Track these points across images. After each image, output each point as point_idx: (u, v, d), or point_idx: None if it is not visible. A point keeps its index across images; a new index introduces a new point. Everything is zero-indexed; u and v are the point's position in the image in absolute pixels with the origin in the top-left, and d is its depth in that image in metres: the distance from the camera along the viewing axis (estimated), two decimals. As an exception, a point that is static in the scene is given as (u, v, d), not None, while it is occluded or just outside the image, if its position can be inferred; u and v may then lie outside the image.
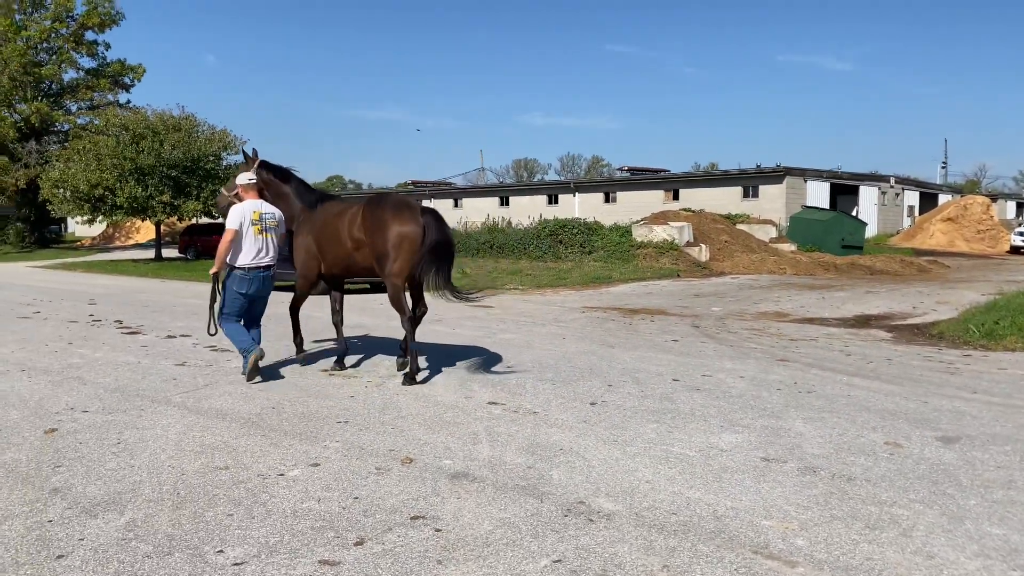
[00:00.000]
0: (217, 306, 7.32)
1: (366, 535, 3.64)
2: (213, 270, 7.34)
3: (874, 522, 3.79)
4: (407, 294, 7.30)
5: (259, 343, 7.34)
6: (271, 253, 7.38)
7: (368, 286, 18.51)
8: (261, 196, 7.64)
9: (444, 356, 8.55)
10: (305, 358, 8.15)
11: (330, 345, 8.99)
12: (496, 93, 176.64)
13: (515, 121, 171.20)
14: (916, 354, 9.10)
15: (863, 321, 12.62)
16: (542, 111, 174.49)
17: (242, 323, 7.36)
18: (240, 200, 7.50)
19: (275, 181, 8.00)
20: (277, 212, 7.58)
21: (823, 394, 6.63)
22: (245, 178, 7.59)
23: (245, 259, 7.19)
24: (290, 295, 8.58)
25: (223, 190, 8.14)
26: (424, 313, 7.65)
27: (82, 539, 3.60)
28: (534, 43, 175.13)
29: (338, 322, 8.03)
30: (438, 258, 7.08)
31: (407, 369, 7.18)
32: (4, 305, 14.65)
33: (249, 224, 7.20)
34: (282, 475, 4.49)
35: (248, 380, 7.10)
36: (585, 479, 4.43)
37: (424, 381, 7.13)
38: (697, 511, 3.94)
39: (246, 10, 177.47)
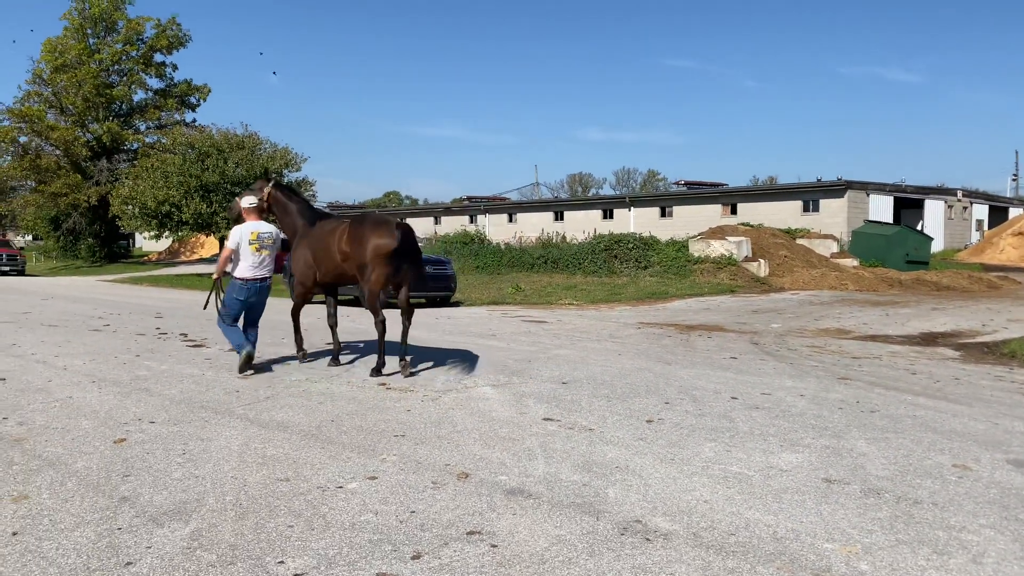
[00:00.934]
0: (219, 308, 8.68)
1: (423, 549, 3.67)
2: (214, 277, 8.88)
3: (942, 547, 3.68)
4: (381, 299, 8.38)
5: (255, 343, 8.61)
6: (268, 266, 8.63)
7: (424, 300, 18.70)
8: (270, 211, 9.10)
9: (499, 371, 8.58)
10: (304, 356, 9.29)
11: (335, 348, 9.37)
12: (553, 108, 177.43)
13: (571, 136, 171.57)
14: (986, 373, 8.80)
15: (929, 339, 12.26)
16: (599, 126, 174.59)
17: (240, 325, 8.59)
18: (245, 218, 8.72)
19: (283, 199, 9.23)
20: (274, 231, 8.73)
21: (887, 414, 6.46)
22: (247, 202, 8.75)
23: (243, 272, 8.44)
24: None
25: (235, 201, 9.15)
26: (410, 314, 8.61)
27: (149, 547, 3.70)
28: (593, 58, 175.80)
29: (333, 324, 9.27)
30: (403, 259, 8.23)
31: (388, 365, 8.41)
32: (77, 318, 15.20)
33: (247, 243, 8.41)
34: (341, 488, 4.56)
35: (240, 373, 8.27)
36: (642, 497, 4.40)
37: (480, 397, 7.18)
38: (756, 532, 3.88)
39: (308, 31, 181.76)
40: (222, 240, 34.24)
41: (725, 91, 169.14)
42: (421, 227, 57.34)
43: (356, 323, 14.21)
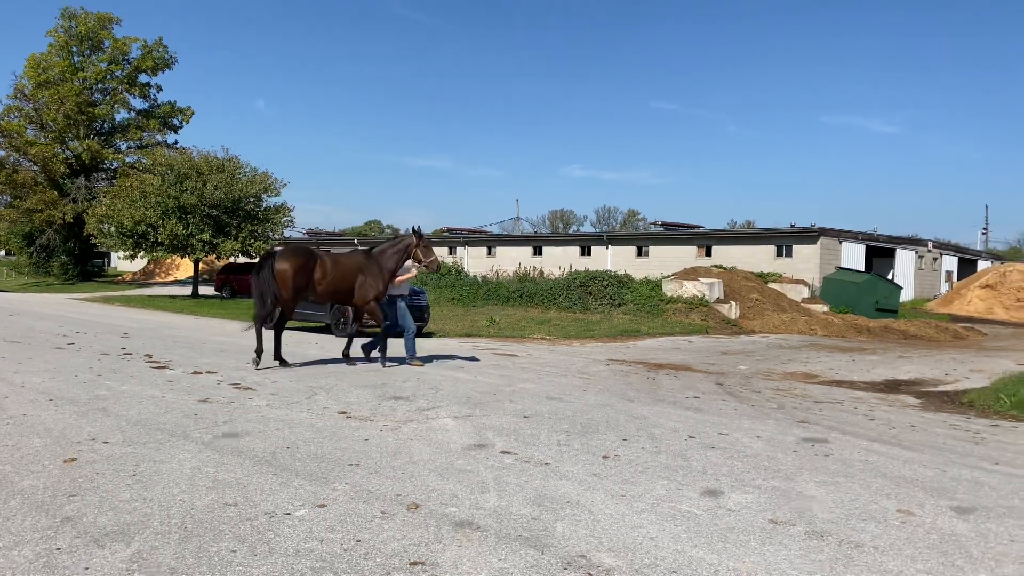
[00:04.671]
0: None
1: (364, 578, 3.67)
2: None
3: (878, 591, 3.73)
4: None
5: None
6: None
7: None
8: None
9: (462, 403, 8.60)
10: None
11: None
12: (538, 145, 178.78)
13: (555, 172, 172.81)
14: (942, 422, 8.94)
15: (892, 386, 12.42)
16: (582, 163, 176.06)
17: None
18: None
19: None
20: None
21: (840, 458, 6.55)
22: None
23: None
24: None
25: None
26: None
27: (87, 568, 3.67)
28: (579, 98, 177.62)
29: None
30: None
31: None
32: (41, 335, 15.02)
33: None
34: (288, 514, 4.55)
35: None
36: (589, 533, 4.42)
37: (440, 428, 7.19)
38: (698, 571, 3.91)
39: (297, 58, 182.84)
40: (197, 262, 34.12)
41: (707, 135, 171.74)
42: (399, 257, 57.22)
43: (324, 350, 14.16)
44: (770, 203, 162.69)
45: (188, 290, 36.35)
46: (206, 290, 37.23)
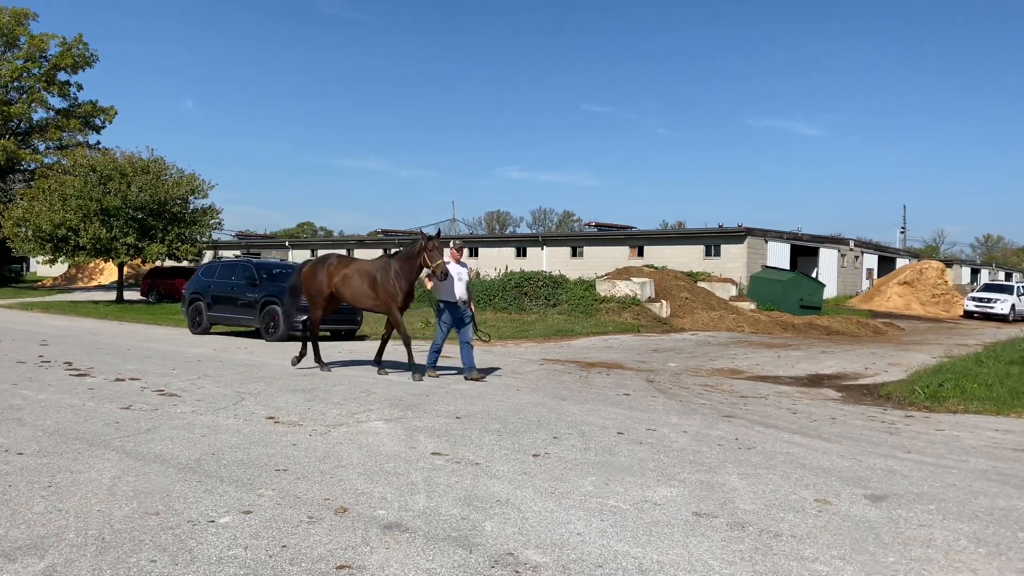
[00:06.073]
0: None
1: (289, 583, 3.63)
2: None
3: (794, 577, 3.87)
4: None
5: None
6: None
7: (328, 333, 18.47)
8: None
9: (394, 406, 8.56)
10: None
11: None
12: (475, 147, 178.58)
13: (492, 174, 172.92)
14: (861, 414, 9.28)
15: (815, 380, 12.84)
16: (519, 165, 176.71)
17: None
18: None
19: None
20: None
21: (762, 451, 6.74)
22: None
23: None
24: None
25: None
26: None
27: (-3, 583, 3.54)
28: (515, 100, 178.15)
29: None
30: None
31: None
32: (-48, 344, 14.37)
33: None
34: (212, 522, 4.46)
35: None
36: (517, 531, 4.46)
37: (370, 431, 7.15)
38: (623, 564, 3.99)
39: (226, 58, 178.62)
40: (121, 266, 33.06)
41: (640, 137, 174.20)
42: (333, 259, 56.49)
43: (254, 355, 13.90)
44: (700, 204, 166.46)
45: (113, 295, 35.20)
46: (132, 295, 36.13)
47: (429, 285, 11.11)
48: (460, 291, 11.16)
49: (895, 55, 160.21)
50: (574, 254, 48.25)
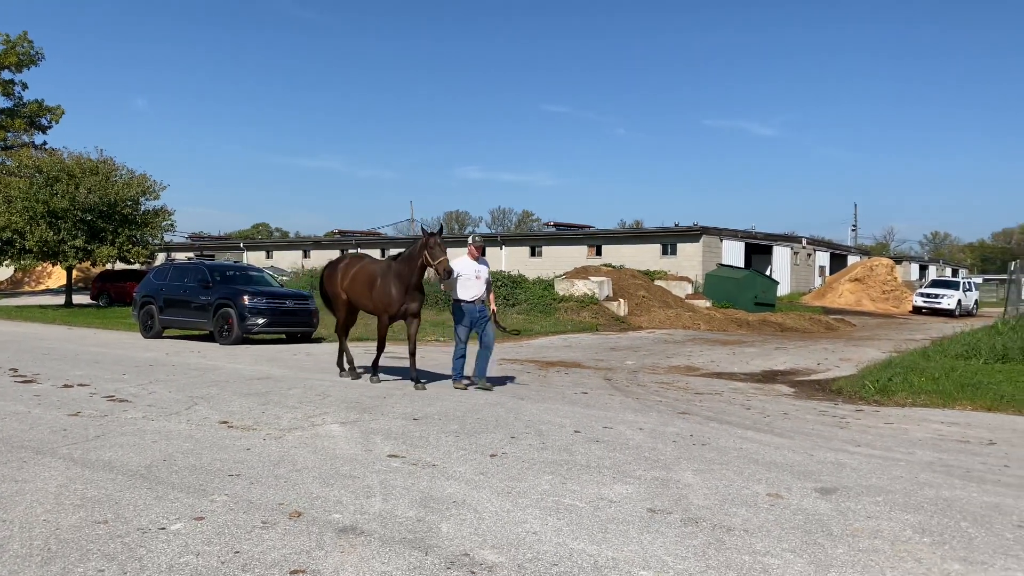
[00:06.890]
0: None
1: (241, 590, 3.58)
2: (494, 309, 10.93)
3: (746, 571, 3.92)
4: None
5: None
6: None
7: (284, 335, 18.27)
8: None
9: (350, 408, 8.50)
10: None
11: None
12: (434, 147, 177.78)
13: (451, 174, 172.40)
14: (812, 409, 9.46)
15: (769, 376, 13.05)
16: (478, 165, 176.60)
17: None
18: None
19: None
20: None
21: (716, 446, 6.84)
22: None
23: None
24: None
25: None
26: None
27: (-64, 598, 3.44)
28: (474, 100, 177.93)
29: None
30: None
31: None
32: None
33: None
34: (163, 529, 4.38)
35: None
36: (473, 531, 4.46)
37: (326, 435, 7.08)
38: (579, 562, 4.01)
39: (179, 56, 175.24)
40: (69, 270, 32.28)
41: (598, 137, 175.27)
42: (289, 260, 55.98)
43: (207, 359, 13.69)
44: (657, 204, 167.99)
45: (61, 299, 34.35)
46: (81, 299, 35.30)
47: (443, 285, 10.78)
48: (478, 289, 10.57)
49: (846, 58, 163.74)
50: (533, 254, 48.39)
